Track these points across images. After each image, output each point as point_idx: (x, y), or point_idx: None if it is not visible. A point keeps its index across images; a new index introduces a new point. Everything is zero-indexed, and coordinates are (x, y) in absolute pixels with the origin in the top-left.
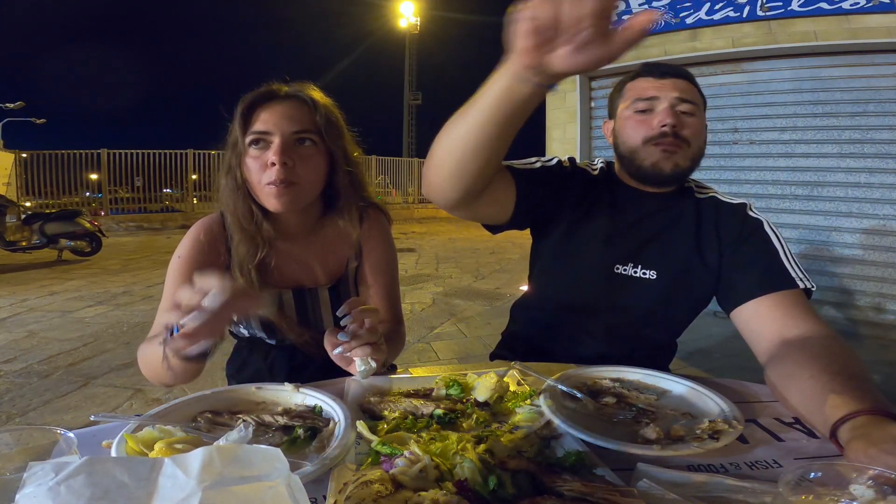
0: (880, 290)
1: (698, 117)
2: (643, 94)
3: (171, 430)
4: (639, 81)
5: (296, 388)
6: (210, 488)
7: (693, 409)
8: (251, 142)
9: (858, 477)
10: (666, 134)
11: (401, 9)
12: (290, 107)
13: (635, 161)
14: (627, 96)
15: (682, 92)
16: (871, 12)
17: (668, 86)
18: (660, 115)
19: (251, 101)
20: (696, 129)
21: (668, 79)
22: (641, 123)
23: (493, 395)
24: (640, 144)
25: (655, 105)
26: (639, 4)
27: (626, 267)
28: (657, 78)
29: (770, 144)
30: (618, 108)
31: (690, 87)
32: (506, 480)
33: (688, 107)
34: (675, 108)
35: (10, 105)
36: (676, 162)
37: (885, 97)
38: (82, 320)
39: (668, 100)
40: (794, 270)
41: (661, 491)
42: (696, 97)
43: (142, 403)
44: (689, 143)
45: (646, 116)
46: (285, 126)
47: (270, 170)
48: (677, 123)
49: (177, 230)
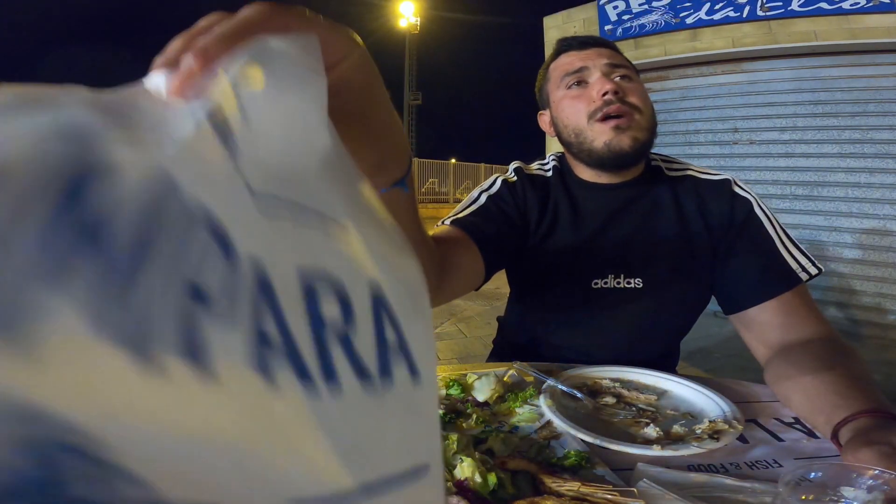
0: (880, 290)
1: (637, 82)
2: (570, 67)
3: None
4: (561, 59)
5: None
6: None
7: (693, 409)
8: None
9: (858, 477)
10: (611, 101)
11: (401, 9)
12: None
13: (584, 144)
14: (554, 77)
15: (610, 58)
16: (871, 12)
17: (593, 55)
18: (596, 84)
19: None
20: (640, 93)
21: (591, 48)
22: (578, 99)
23: (493, 395)
24: (585, 123)
25: (587, 76)
26: (639, 4)
27: (607, 279)
28: (579, 50)
29: (770, 144)
30: (548, 94)
31: (617, 53)
32: (506, 480)
33: (623, 71)
34: (610, 75)
35: None
36: (633, 135)
37: (885, 97)
38: None
39: (599, 67)
40: (793, 261)
41: (661, 491)
42: (627, 62)
43: None
44: (640, 109)
45: (581, 90)
46: None
47: None
48: (619, 89)
49: None
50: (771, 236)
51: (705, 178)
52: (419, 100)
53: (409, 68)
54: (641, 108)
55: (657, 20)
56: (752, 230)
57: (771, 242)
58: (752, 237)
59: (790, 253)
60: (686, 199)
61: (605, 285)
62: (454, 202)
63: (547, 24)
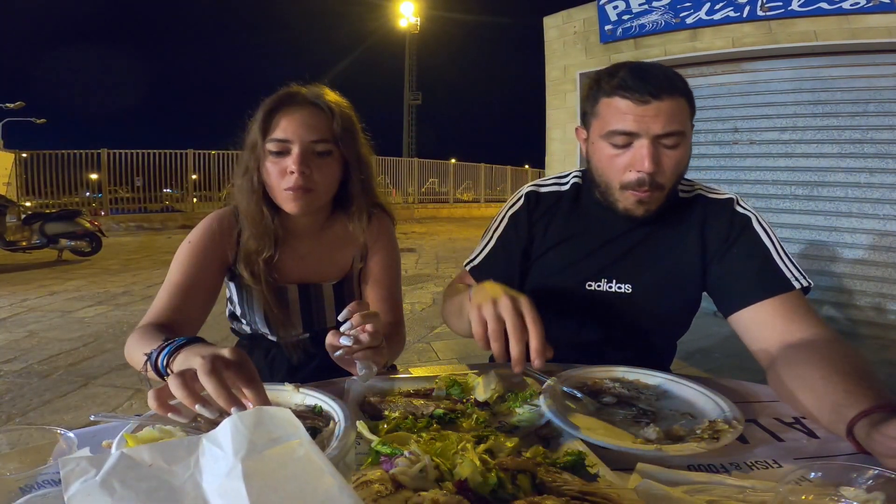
0: (880, 290)
1: (683, 145)
2: (620, 125)
3: (171, 431)
4: (616, 102)
5: (296, 388)
6: (247, 458)
7: (693, 409)
8: (271, 148)
9: (858, 477)
10: (644, 182)
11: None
12: (309, 115)
13: (608, 197)
14: (602, 117)
15: (667, 121)
16: (871, 12)
17: (650, 114)
18: (638, 157)
19: (271, 106)
20: (678, 160)
21: (653, 102)
22: (617, 160)
23: (493, 395)
24: (616, 185)
25: (634, 141)
26: (639, 4)
27: (600, 282)
28: (639, 102)
29: (770, 144)
30: (591, 124)
31: (679, 106)
32: (506, 480)
33: (673, 139)
34: (658, 143)
35: (10, 105)
36: (648, 208)
37: (885, 97)
38: (82, 320)
39: (650, 136)
40: (788, 270)
41: (661, 491)
42: (685, 119)
43: (142, 403)
44: (666, 186)
45: (622, 153)
46: (304, 135)
47: (289, 177)
48: (656, 170)
49: (177, 230)
50: (767, 246)
51: (712, 197)
52: (419, 100)
53: (409, 68)
54: (667, 185)
55: (657, 20)
56: (748, 239)
57: (767, 250)
58: (748, 244)
59: (785, 264)
60: (690, 218)
61: (598, 288)
62: (454, 202)
63: (547, 24)
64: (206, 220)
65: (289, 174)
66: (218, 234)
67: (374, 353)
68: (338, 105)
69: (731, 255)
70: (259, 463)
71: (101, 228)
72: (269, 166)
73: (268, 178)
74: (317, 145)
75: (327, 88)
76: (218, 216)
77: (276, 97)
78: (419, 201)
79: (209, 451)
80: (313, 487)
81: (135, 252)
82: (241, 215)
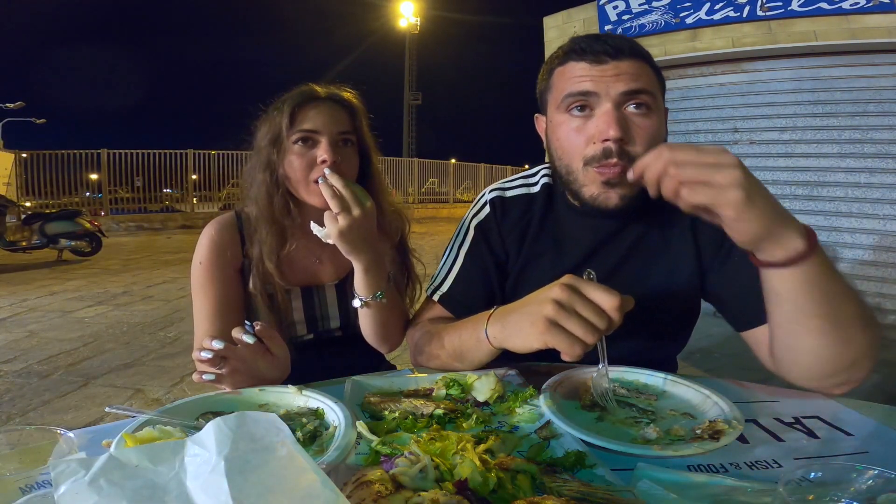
0: (880, 290)
1: (655, 111)
2: (576, 86)
3: (170, 431)
4: (569, 67)
5: (298, 390)
6: (229, 455)
7: (693, 409)
8: (297, 139)
9: (858, 477)
10: (610, 152)
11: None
12: (334, 108)
13: (572, 185)
14: (556, 88)
15: (631, 80)
16: (871, 12)
17: (609, 73)
18: (601, 119)
19: (298, 100)
20: (652, 132)
21: (610, 61)
22: (577, 133)
23: (493, 395)
24: (579, 165)
25: (594, 102)
26: (639, 4)
27: None
28: (594, 62)
29: (770, 144)
30: (546, 104)
31: (642, 67)
32: (506, 480)
33: (641, 98)
34: (623, 107)
35: (10, 105)
36: (623, 193)
37: (885, 97)
38: (82, 320)
39: (612, 97)
40: None
41: (661, 491)
42: (651, 82)
43: (142, 403)
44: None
45: (582, 120)
46: (332, 126)
47: (319, 167)
48: (624, 134)
49: (177, 230)
50: None
51: None
52: (419, 100)
53: (409, 68)
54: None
55: (657, 20)
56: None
57: None
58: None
59: None
60: (677, 216)
61: None
62: (454, 202)
63: (547, 24)
64: (209, 235)
65: (319, 164)
66: (225, 247)
67: (346, 218)
68: (357, 104)
69: (731, 263)
70: (241, 460)
71: (101, 228)
72: (295, 159)
73: (292, 172)
74: (342, 136)
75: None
76: (218, 227)
77: (299, 92)
78: (419, 201)
79: (194, 452)
80: (294, 483)
81: (135, 252)
82: (259, 214)
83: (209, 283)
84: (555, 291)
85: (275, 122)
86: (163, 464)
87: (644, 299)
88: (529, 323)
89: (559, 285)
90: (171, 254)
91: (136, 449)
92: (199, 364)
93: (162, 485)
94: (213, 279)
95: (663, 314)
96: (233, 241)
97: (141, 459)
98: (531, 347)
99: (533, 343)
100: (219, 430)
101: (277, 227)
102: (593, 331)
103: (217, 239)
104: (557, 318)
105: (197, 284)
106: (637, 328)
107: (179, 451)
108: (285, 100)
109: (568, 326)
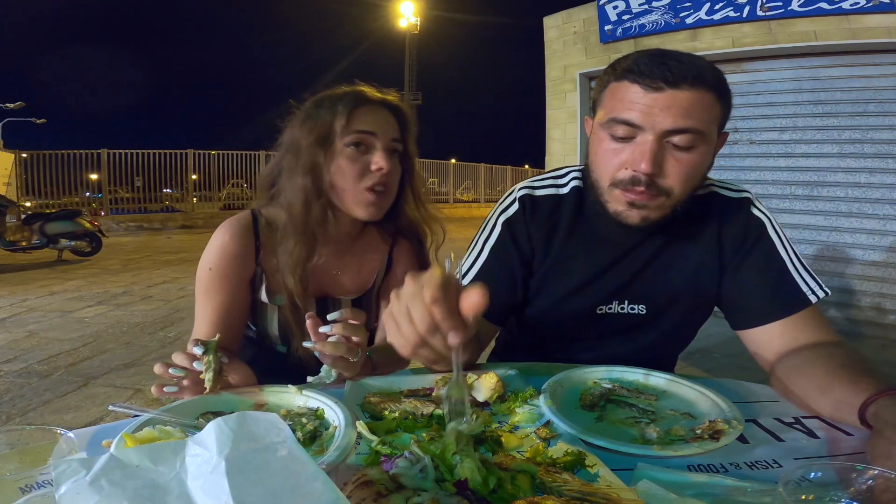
0: (880, 290)
1: (700, 149)
2: (623, 113)
3: (170, 431)
4: (623, 87)
5: (298, 390)
6: (230, 455)
7: (693, 409)
8: (352, 142)
9: (858, 477)
10: (638, 181)
11: (401, 9)
12: (388, 113)
13: (599, 199)
14: (606, 104)
15: (680, 116)
16: (871, 12)
17: (660, 105)
18: (637, 150)
19: (354, 100)
20: (689, 168)
21: (667, 90)
22: (612, 155)
23: (493, 395)
24: (607, 184)
25: (636, 133)
26: (639, 4)
27: (611, 305)
28: (649, 88)
29: (770, 144)
30: (596, 112)
31: (702, 101)
32: (506, 480)
33: (684, 139)
34: (665, 140)
35: (10, 105)
36: (646, 215)
37: (885, 97)
38: (82, 320)
39: (655, 132)
40: (804, 282)
41: (661, 491)
42: (707, 118)
43: (142, 404)
44: (671, 192)
45: (621, 147)
46: (389, 131)
47: (373, 174)
48: (656, 171)
49: (177, 230)
50: (782, 256)
51: (727, 195)
52: (419, 100)
53: (409, 68)
54: (673, 191)
55: (657, 20)
56: (763, 250)
57: (782, 262)
58: (763, 257)
59: (800, 275)
60: (706, 222)
61: (609, 311)
62: (454, 202)
63: (547, 24)
64: (221, 240)
65: (373, 171)
66: (238, 257)
67: (345, 364)
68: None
69: (745, 266)
70: (242, 460)
71: (101, 228)
72: (345, 163)
73: (341, 179)
74: (395, 143)
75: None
76: (232, 232)
77: (353, 92)
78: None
79: (195, 452)
80: (294, 483)
81: (135, 252)
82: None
83: (214, 291)
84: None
85: (324, 121)
86: (164, 464)
87: (665, 302)
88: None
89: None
90: (171, 254)
91: (137, 449)
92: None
93: (163, 485)
94: (220, 287)
95: (682, 315)
96: (247, 249)
97: (142, 459)
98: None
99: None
100: (219, 430)
101: (309, 237)
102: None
103: (231, 247)
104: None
105: (202, 288)
106: (651, 327)
107: (180, 451)
108: (338, 98)
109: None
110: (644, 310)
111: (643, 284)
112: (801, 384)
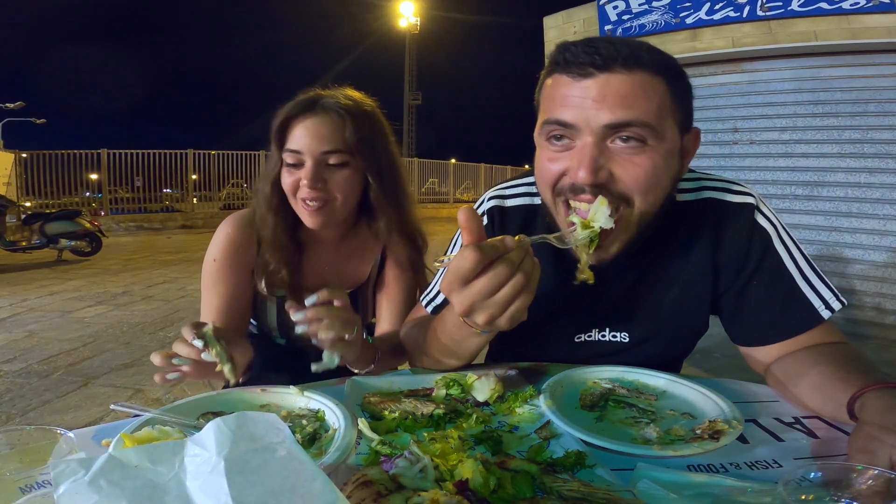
0: (880, 290)
1: (652, 145)
2: (555, 112)
3: (169, 431)
4: (554, 81)
5: (299, 391)
6: (229, 455)
7: (693, 409)
8: (287, 160)
9: (858, 477)
10: (579, 189)
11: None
12: (323, 123)
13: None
14: (541, 107)
15: (618, 105)
16: (871, 12)
17: (593, 95)
18: (576, 155)
19: (287, 115)
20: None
21: (598, 74)
22: (553, 162)
23: (493, 395)
24: (550, 195)
25: (573, 134)
26: (639, 4)
27: (591, 333)
28: (577, 76)
29: (770, 144)
30: (537, 115)
31: (642, 82)
32: (506, 480)
33: (630, 131)
34: (606, 140)
35: (10, 105)
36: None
37: (885, 97)
38: (82, 320)
39: (593, 130)
40: (817, 295)
41: (661, 491)
42: (651, 105)
43: (142, 404)
44: (629, 200)
45: (559, 151)
46: (315, 146)
47: (303, 189)
48: (600, 177)
49: (177, 230)
50: (790, 273)
51: (727, 199)
52: (419, 100)
53: (409, 68)
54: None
55: (657, 20)
56: (769, 269)
57: (789, 281)
58: (769, 273)
59: (812, 287)
60: (697, 233)
61: (588, 339)
62: (454, 202)
63: (547, 24)
64: (225, 232)
65: (302, 187)
66: (240, 246)
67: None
68: (357, 111)
69: (750, 287)
70: (241, 460)
71: (101, 228)
72: (286, 175)
73: (286, 188)
74: (330, 157)
75: (351, 90)
76: (235, 224)
77: (291, 105)
78: (419, 201)
79: (194, 452)
80: (293, 483)
81: (135, 252)
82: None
83: (220, 281)
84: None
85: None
86: (163, 464)
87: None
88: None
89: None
90: (171, 254)
91: (136, 449)
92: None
93: (162, 485)
94: (225, 277)
95: (671, 341)
96: (250, 240)
97: (141, 459)
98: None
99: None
100: (219, 431)
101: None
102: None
103: (234, 237)
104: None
105: (208, 280)
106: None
107: (179, 451)
108: (281, 112)
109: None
110: (626, 337)
111: (624, 310)
112: (794, 382)
